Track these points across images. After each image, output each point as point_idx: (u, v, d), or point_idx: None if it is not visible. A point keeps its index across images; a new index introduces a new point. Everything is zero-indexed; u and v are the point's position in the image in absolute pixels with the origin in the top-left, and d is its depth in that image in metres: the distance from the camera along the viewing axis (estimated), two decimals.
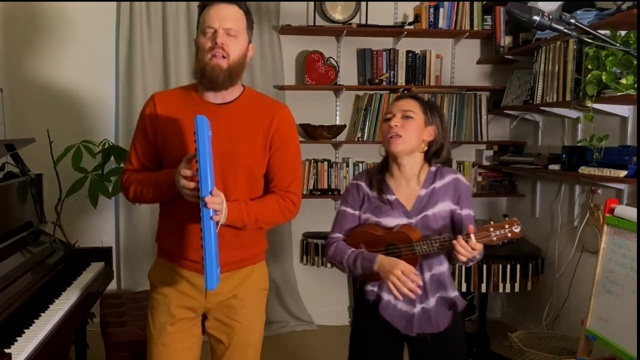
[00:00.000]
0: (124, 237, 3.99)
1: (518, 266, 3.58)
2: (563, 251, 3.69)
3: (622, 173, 2.87)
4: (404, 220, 2.01)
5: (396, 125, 1.98)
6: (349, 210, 2.09)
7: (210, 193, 1.69)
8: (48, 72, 3.87)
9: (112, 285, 3.50)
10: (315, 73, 4.06)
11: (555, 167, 3.45)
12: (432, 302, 2.03)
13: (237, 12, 1.88)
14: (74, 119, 3.93)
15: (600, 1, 3.23)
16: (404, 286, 1.90)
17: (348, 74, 4.21)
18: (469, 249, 1.86)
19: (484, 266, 3.54)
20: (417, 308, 2.02)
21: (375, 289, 2.06)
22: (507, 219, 1.89)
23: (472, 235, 1.85)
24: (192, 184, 1.73)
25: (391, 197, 2.03)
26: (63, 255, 2.84)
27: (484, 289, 3.58)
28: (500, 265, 3.56)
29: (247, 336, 2.02)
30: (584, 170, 3.14)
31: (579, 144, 3.37)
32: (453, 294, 2.06)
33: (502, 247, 3.77)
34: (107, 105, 3.98)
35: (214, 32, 1.84)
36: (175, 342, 1.98)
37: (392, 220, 2.01)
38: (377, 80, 4.11)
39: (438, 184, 2.03)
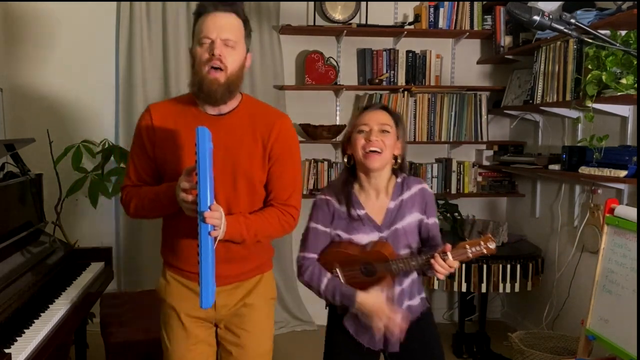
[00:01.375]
0: (124, 237, 3.99)
1: (518, 266, 3.58)
2: (563, 251, 3.69)
3: (622, 173, 2.87)
4: (375, 235, 1.98)
5: (377, 140, 1.95)
6: (320, 227, 2.02)
7: (209, 208, 1.64)
8: (48, 72, 3.87)
9: (112, 285, 3.50)
10: (315, 73, 4.06)
11: (555, 167, 3.45)
12: (397, 317, 1.97)
13: (235, 21, 1.81)
14: (74, 119, 3.93)
15: (600, 1, 3.23)
16: (394, 326, 1.90)
17: (348, 74, 4.21)
18: (446, 267, 1.86)
19: (484, 266, 3.54)
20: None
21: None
22: (481, 235, 1.90)
23: (449, 254, 1.86)
24: (190, 197, 1.68)
25: (361, 212, 1.99)
26: (63, 255, 2.84)
27: (484, 289, 3.58)
28: (500, 265, 3.55)
29: (257, 346, 1.99)
30: (584, 170, 3.14)
31: (579, 144, 3.37)
32: (416, 301, 2.05)
33: (502, 247, 3.77)
34: (107, 105, 3.98)
35: (211, 42, 1.77)
36: (192, 355, 1.96)
37: (364, 237, 1.98)
38: (377, 80, 4.11)
39: (406, 195, 2.01)
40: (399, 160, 2.03)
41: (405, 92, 4.14)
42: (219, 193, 1.73)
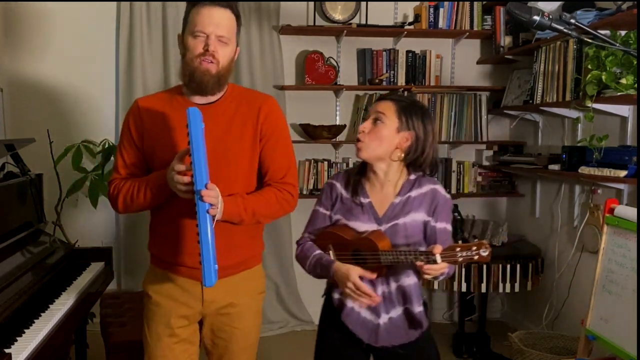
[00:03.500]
0: (124, 237, 3.99)
1: (518, 266, 3.58)
2: (563, 251, 3.69)
3: (622, 173, 2.87)
4: (373, 226, 1.91)
5: (363, 131, 1.89)
6: (322, 210, 2.01)
7: (205, 186, 1.65)
8: (48, 72, 3.87)
9: (112, 285, 3.50)
10: (315, 73, 4.06)
11: (555, 167, 3.45)
12: (398, 312, 1.95)
13: (230, 17, 1.83)
14: (74, 119, 3.93)
15: (600, 1, 3.23)
16: (359, 297, 1.84)
17: (348, 74, 4.21)
18: (433, 269, 1.74)
19: (484, 266, 3.54)
20: (383, 319, 1.94)
21: (340, 296, 1.98)
22: (476, 240, 1.79)
23: (438, 256, 1.73)
24: (186, 179, 1.69)
25: (365, 200, 1.94)
26: (63, 255, 2.84)
27: (484, 289, 3.58)
28: (500, 265, 3.56)
29: (244, 341, 2.00)
30: (584, 170, 3.14)
31: (579, 144, 3.37)
32: (417, 309, 1.95)
33: (502, 247, 3.77)
34: (107, 105, 3.98)
35: (206, 37, 1.79)
36: (174, 354, 1.96)
37: (362, 225, 1.92)
38: (377, 80, 4.11)
39: (414, 193, 1.92)
40: (401, 154, 1.90)
41: (405, 92, 4.14)
42: (213, 180, 1.72)
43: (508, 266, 3.56)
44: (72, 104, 3.91)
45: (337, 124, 4.20)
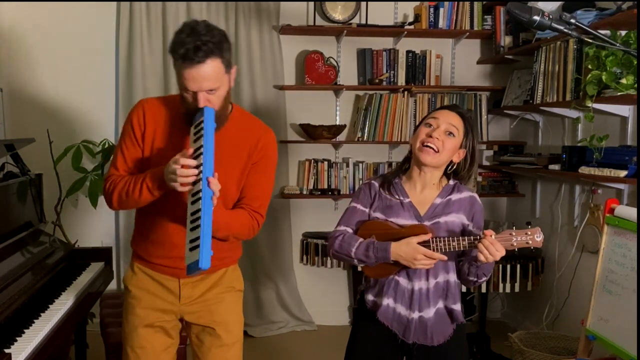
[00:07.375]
0: (124, 237, 3.99)
1: (518, 266, 3.58)
2: (563, 251, 3.69)
3: (622, 173, 2.87)
4: (415, 222, 1.96)
5: (437, 139, 1.93)
6: (359, 206, 2.03)
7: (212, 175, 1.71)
8: (48, 72, 3.87)
9: (112, 285, 3.50)
10: (315, 73, 4.06)
11: (555, 167, 3.45)
12: (431, 311, 1.98)
13: (215, 65, 1.76)
14: (74, 119, 3.93)
15: (600, 1, 3.23)
16: (430, 261, 1.89)
17: (348, 74, 4.21)
18: (492, 249, 1.81)
19: None
20: (415, 315, 1.98)
21: (374, 297, 2.03)
22: (529, 227, 1.85)
23: (494, 236, 1.82)
24: (191, 171, 1.69)
25: (405, 199, 1.99)
26: (63, 255, 2.84)
27: (484, 289, 3.58)
28: (500, 265, 3.56)
29: (226, 337, 2.03)
30: (584, 170, 3.14)
31: (579, 144, 3.37)
32: (454, 306, 2.01)
33: None
34: (107, 105, 3.98)
35: (194, 93, 1.78)
36: (152, 344, 2.00)
37: (403, 221, 1.96)
38: (377, 80, 4.11)
39: (454, 197, 2.00)
40: (453, 166, 2.02)
41: (405, 92, 4.14)
42: None
43: (508, 266, 3.56)
44: (72, 104, 3.91)
45: (337, 124, 4.20)
